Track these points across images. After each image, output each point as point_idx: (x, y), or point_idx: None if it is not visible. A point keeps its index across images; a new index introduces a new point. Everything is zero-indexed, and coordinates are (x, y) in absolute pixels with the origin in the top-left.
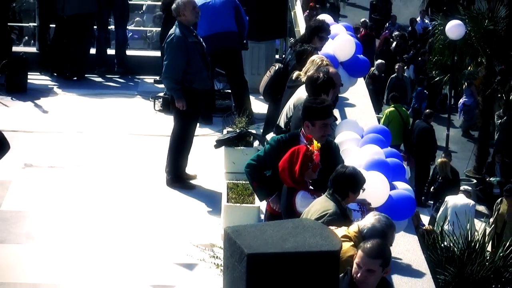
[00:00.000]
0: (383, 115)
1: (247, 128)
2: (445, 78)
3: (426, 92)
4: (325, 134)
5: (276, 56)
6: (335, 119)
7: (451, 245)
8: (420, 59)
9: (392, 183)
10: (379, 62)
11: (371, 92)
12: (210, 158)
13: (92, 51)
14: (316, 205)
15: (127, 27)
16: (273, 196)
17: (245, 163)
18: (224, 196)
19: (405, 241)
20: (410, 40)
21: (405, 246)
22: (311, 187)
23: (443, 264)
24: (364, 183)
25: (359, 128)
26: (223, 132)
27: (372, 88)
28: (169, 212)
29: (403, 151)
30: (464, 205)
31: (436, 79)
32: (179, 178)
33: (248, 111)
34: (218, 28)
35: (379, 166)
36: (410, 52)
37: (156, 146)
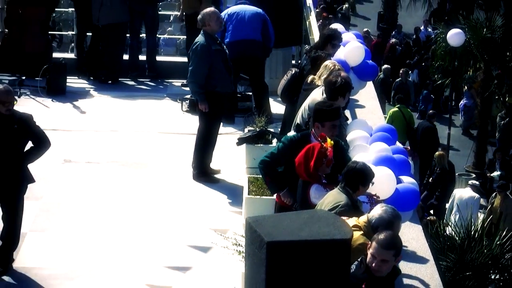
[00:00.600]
0: (387, 115)
1: (266, 127)
2: (446, 82)
3: (432, 96)
4: (333, 134)
5: (293, 61)
6: (347, 119)
7: (453, 234)
8: (424, 64)
9: (399, 177)
10: (385, 67)
11: (379, 94)
12: (232, 155)
13: (125, 57)
14: (329, 197)
15: (157, 35)
16: (284, 191)
17: (259, 158)
18: (246, 189)
19: (410, 230)
20: (415, 47)
21: (410, 235)
22: (325, 181)
23: (445, 251)
24: (373, 177)
25: (368, 127)
26: (244, 131)
27: (380, 91)
28: (195, 204)
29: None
30: (469, 198)
31: (438, 83)
32: (204, 173)
33: (267, 112)
34: (244, 36)
35: (386, 161)
36: (414, 58)
37: (183, 144)
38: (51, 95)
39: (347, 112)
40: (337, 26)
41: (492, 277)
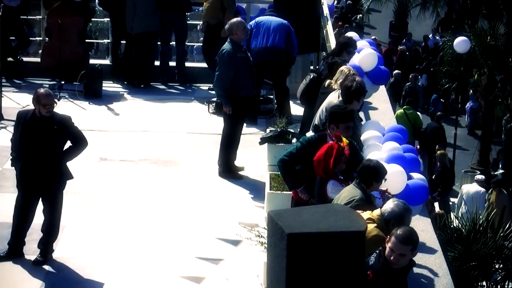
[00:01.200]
0: None
1: (286, 127)
2: (453, 86)
3: (442, 100)
4: (347, 135)
5: (311, 67)
6: (361, 120)
7: (459, 226)
8: (432, 69)
9: (409, 173)
10: (396, 72)
11: (390, 97)
12: (255, 153)
13: (156, 63)
14: (345, 192)
15: (185, 43)
16: (302, 187)
17: (278, 157)
18: (267, 185)
19: (420, 223)
20: (423, 54)
21: (420, 227)
22: (341, 177)
23: (452, 242)
24: (386, 174)
25: (381, 128)
26: (266, 131)
27: (391, 94)
28: (220, 198)
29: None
30: (475, 192)
31: (445, 87)
32: (229, 170)
33: (288, 114)
34: (269, 43)
35: (397, 159)
36: (423, 64)
37: (210, 143)
38: (88, 98)
39: (361, 114)
40: (352, 34)
41: (496, 266)
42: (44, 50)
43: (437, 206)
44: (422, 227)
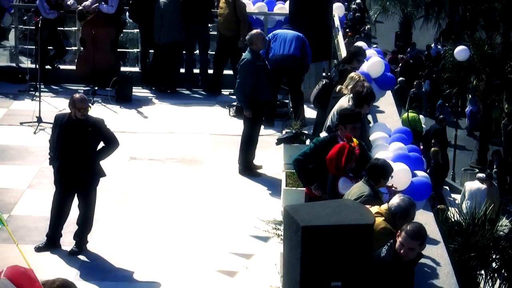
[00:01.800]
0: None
1: (301, 129)
2: (453, 91)
3: (447, 105)
4: (354, 135)
5: (323, 74)
6: (369, 122)
7: (460, 220)
8: (434, 76)
9: (413, 171)
10: (400, 79)
11: (396, 102)
12: (272, 153)
13: (182, 70)
14: (355, 188)
15: (208, 51)
16: (315, 184)
17: (293, 157)
18: (283, 182)
19: (423, 216)
20: (426, 62)
21: (423, 220)
22: (351, 175)
23: (453, 235)
24: (392, 172)
25: (387, 129)
26: (282, 133)
27: (397, 98)
28: (240, 194)
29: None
30: (477, 189)
31: (447, 92)
32: (248, 168)
33: (302, 116)
34: (285, 51)
35: (403, 158)
36: (426, 71)
37: (231, 143)
38: (119, 102)
39: (370, 117)
40: (361, 44)
41: (493, 256)
42: (79, 59)
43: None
44: (425, 221)
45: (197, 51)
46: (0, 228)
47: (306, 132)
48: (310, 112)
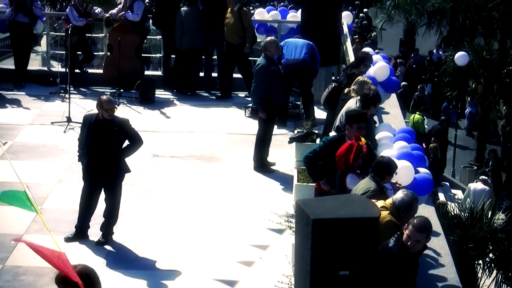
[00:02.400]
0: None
1: (311, 129)
2: (454, 94)
3: (451, 107)
4: (361, 135)
5: (332, 77)
6: (375, 123)
7: (460, 214)
8: (436, 80)
9: (416, 168)
10: (403, 83)
11: (400, 104)
12: (285, 151)
13: (201, 74)
14: (362, 184)
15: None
16: (324, 180)
17: (304, 154)
18: (295, 178)
19: (425, 210)
20: (429, 66)
21: (425, 214)
22: (358, 171)
23: (453, 227)
24: (396, 169)
25: (392, 129)
26: (294, 132)
27: (400, 101)
28: (255, 189)
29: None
30: (481, 189)
31: (447, 94)
32: (262, 165)
33: (312, 117)
34: (297, 56)
35: (406, 156)
36: (428, 75)
37: (246, 142)
38: (143, 104)
39: (375, 117)
40: (368, 50)
41: (490, 247)
42: (106, 63)
43: None
44: (427, 214)
45: (215, 56)
46: (33, 220)
47: (316, 131)
48: (320, 113)
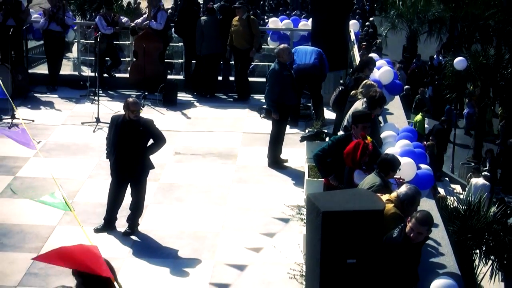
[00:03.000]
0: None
1: (321, 129)
2: (453, 96)
3: (453, 109)
4: (366, 133)
5: (340, 81)
6: (380, 123)
7: (458, 206)
8: (436, 83)
9: (418, 165)
10: (406, 87)
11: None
12: (296, 149)
13: (219, 78)
14: (368, 179)
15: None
16: (332, 176)
17: (314, 152)
18: (306, 174)
19: (426, 203)
20: (430, 71)
21: (426, 207)
22: (364, 167)
23: (452, 219)
24: (400, 165)
25: (396, 129)
26: (305, 131)
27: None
28: (269, 184)
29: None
30: (481, 184)
31: (447, 96)
32: (276, 161)
33: (322, 118)
34: (307, 61)
35: (409, 153)
36: (429, 78)
37: (261, 141)
38: (166, 105)
39: (381, 118)
40: (372, 55)
41: (487, 238)
42: (131, 68)
43: None
44: (428, 207)
45: (232, 62)
46: (65, 212)
47: (326, 131)
48: (329, 114)
